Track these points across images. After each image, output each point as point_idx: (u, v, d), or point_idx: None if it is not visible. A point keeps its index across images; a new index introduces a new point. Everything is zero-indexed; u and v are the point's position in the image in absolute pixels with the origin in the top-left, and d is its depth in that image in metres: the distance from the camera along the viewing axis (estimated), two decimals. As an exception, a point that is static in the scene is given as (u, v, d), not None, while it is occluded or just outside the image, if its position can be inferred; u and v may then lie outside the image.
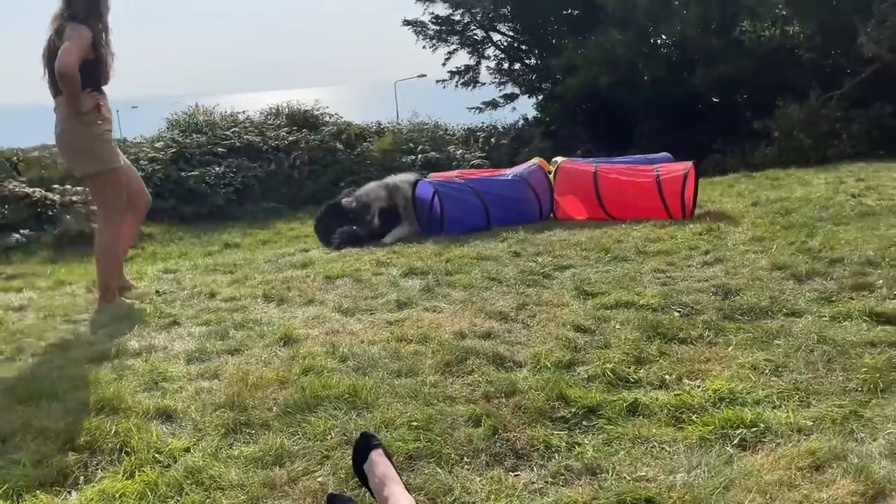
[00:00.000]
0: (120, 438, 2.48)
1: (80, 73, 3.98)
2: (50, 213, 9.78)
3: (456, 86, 23.74)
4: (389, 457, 2.06)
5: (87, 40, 4.04)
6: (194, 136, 12.69)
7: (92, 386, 2.94)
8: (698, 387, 2.73)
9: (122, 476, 2.26)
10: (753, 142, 13.08)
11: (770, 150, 12.34)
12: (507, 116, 21.91)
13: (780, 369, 2.85)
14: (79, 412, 2.71)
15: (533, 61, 22.57)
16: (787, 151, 11.89)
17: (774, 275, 4.13)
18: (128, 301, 4.39)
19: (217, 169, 11.76)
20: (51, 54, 4.07)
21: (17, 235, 9.06)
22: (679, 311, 3.61)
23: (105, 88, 4.31)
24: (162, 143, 12.32)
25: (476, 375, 2.92)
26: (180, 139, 12.34)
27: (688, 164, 6.34)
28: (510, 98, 22.73)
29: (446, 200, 6.23)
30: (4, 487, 2.20)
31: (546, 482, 2.17)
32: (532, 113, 21.89)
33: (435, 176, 7.49)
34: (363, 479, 2.03)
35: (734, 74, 14.48)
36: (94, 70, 4.13)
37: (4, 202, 9.54)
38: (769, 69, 13.87)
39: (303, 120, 14.97)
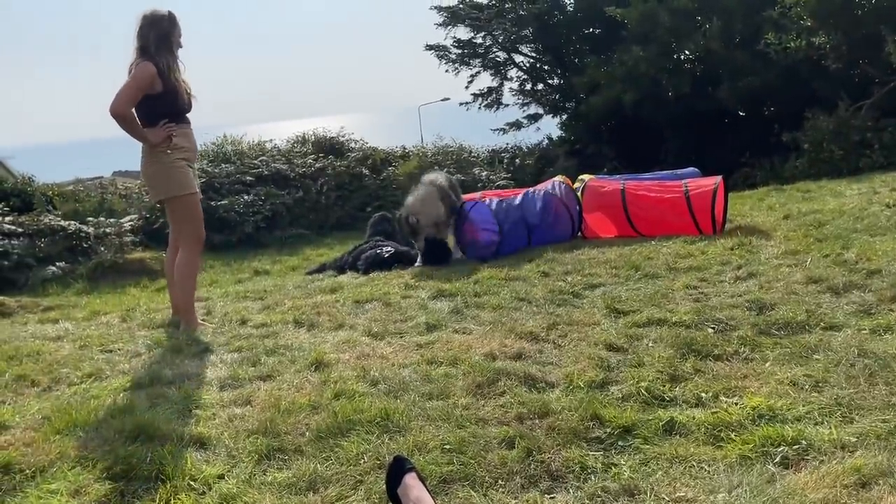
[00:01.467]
0: (155, 466, 2.49)
1: (150, 105, 4.26)
2: (84, 245, 9.97)
3: (479, 108, 23.87)
4: (423, 480, 2.05)
5: (149, 76, 4.23)
6: (223, 165, 12.88)
7: (127, 414, 2.96)
8: (736, 404, 2.68)
9: (158, 503, 2.27)
10: (782, 154, 12.92)
11: (800, 163, 12.16)
12: (531, 136, 21.97)
13: (820, 385, 2.78)
14: (114, 441, 2.73)
15: (556, 81, 22.63)
16: (817, 163, 11.71)
17: (810, 288, 4.06)
18: (211, 326, 4.51)
19: (246, 197, 11.91)
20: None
21: (53, 268, 9.24)
22: (713, 328, 3.56)
23: (189, 116, 4.51)
24: (192, 173, 12.53)
25: (508, 397, 2.90)
26: (209, 169, 12.53)
27: (717, 179, 6.27)
28: (534, 118, 22.78)
29: (505, 234, 6.21)
30: (43, 517, 2.22)
31: (583, 504, 2.13)
32: (556, 132, 21.90)
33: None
34: (396, 502, 2.01)
35: (760, 87, 14.35)
36: (165, 101, 4.32)
37: (41, 236, 9.75)
38: (796, 81, 13.73)
39: (329, 147, 15.15)
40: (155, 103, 4.28)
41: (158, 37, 4.28)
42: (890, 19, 10.85)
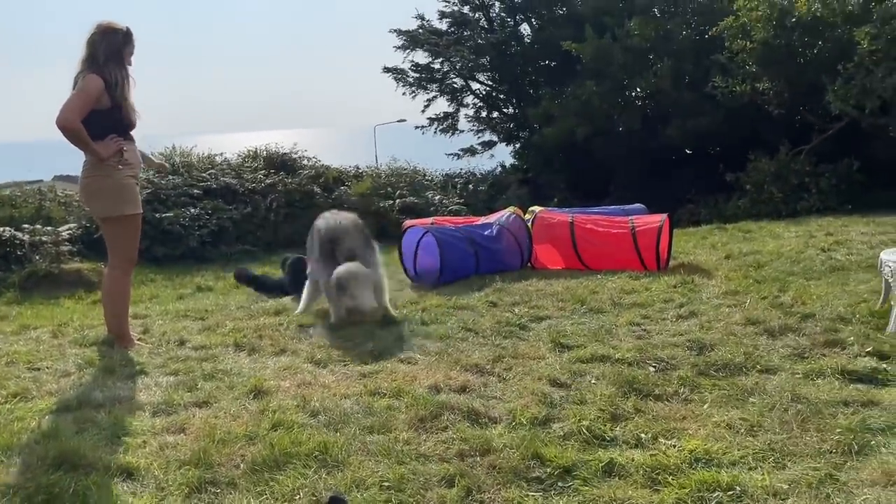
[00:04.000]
0: (79, 497, 2.38)
1: (95, 119, 4.07)
2: (18, 252, 9.58)
3: (435, 132, 23.99)
4: (359, 521, 2.00)
5: (96, 90, 4.06)
6: (170, 177, 12.60)
7: (52, 439, 2.83)
8: (674, 446, 2.70)
9: (79, 539, 2.16)
10: (726, 193, 13.31)
11: (742, 203, 12.55)
12: (485, 163, 22.13)
13: (755, 429, 2.83)
14: (37, 468, 2.60)
15: (511, 110, 22.92)
16: (758, 204, 12.11)
17: (748, 330, 4.15)
18: (147, 346, 4.36)
19: (192, 210, 11.65)
20: None
21: (-13, 273, 8.86)
22: (654, 366, 3.60)
23: (133, 133, 4.36)
24: (137, 183, 12.22)
25: (451, 432, 2.87)
26: (155, 180, 12.23)
27: (662, 217, 6.41)
28: (488, 145, 23.01)
29: (446, 248, 6.17)
30: (-48, 551, 2.10)
31: (520, 548, 2.11)
32: (510, 160, 22.13)
33: (409, 223, 7.48)
34: (331, 544, 1.96)
35: (707, 127, 14.79)
36: (112, 116, 4.17)
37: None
38: (740, 123, 14.20)
39: (280, 163, 14.98)
40: (101, 118, 4.11)
41: (110, 50, 4.13)
42: (830, 69, 11.34)
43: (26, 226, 10.15)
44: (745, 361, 3.59)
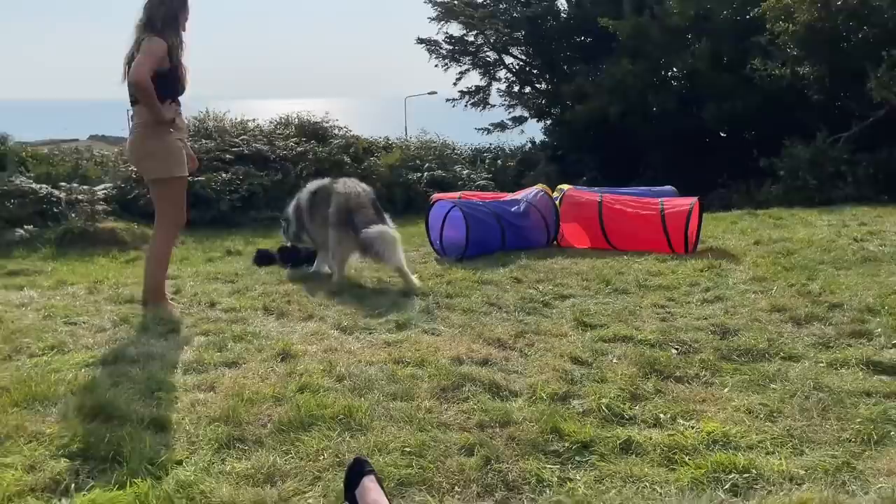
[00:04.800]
0: (113, 447, 2.47)
1: (155, 83, 4.18)
2: (55, 210, 9.81)
3: (466, 105, 23.90)
4: (381, 483, 2.07)
5: (162, 52, 4.20)
6: (203, 141, 12.73)
7: (88, 392, 2.94)
8: (692, 427, 2.73)
9: (114, 486, 2.26)
10: (759, 179, 13.14)
11: (775, 189, 12.38)
12: (514, 139, 22.06)
13: (774, 415, 2.85)
14: (73, 418, 2.71)
15: (543, 86, 22.74)
16: (791, 191, 11.94)
17: (773, 317, 4.14)
18: (178, 306, 4.48)
19: (224, 175, 11.79)
20: (130, 63, 4.25)
21: (21, 231, 9.08)
22: (677, 349, 3.62)
23: (181, 99, 4.50)
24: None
25: (471, 403, 2.93)
26: (189, 143, 12.40)
27: (693, 200, 6.37)
28: (519, 121, 22.88)
29: (472, 223, 6.21)
30: (-5, 491, 2.20)
31: (536, 517, 2.16)
32: (540, 137, 22.01)
33: (437, 196, 7.51)
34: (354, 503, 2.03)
35: (743, 111, 14.58)
36: (168, 78, 4.29)
37: (9, 197, 9.57)
38: (778, 108, 13.96)
39: (312, 131, 15.04)
40: (159, 79, 4.22)
41: (168, 15, 4.26)
42: (874, 55, 11.07)
43: (63, 184, 10.36)
44: (768, 348, 3.59)
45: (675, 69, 16.70)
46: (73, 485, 2.28)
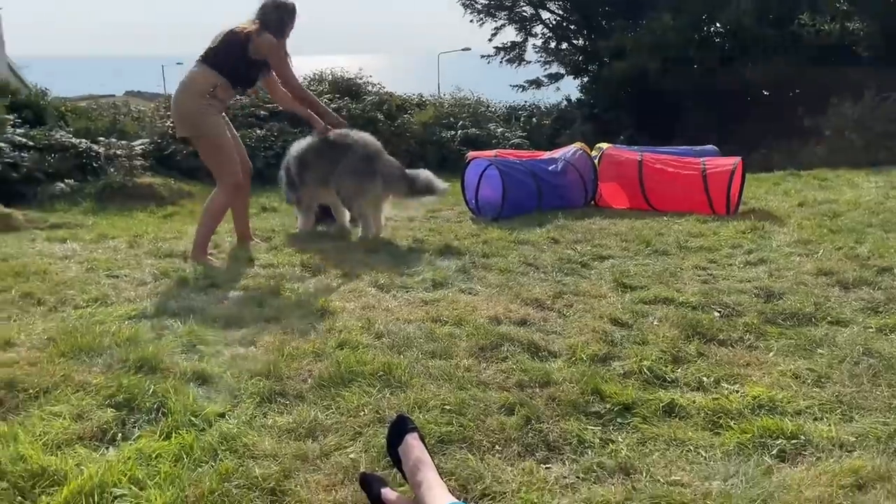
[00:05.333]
0: (158, 398, 2.51)
1: (250, 64, 4.67)
2: (94, 164, 9.93)
3: (501, 62, 23.52)
4: (424, 441, 2.06)
5: (278, 47, 4.69)
6: (238, 97, 12.73)
7: (132, 343, 2.98)
8: (737, 392, 2.68)
9: (159, 436, 2.29)
10: (802, 139, 12.77)
11: (819, 149, 12.04)
12: (550, 96, 21.69)
13: (822, 380, 2.78)
14: (118, 369, 2.75)
15: (581, 42, 22.23)
16: (837, 151, 11.59)
17: (820, 280, 4.03)
18: (218, 259, 4.62)
19: (259, 132, 11.81)
20: (231, 41, 4.60)
21: (62, 185, 9.23)
22: (719, 312, 3.55)
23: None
24: (206, 102, 12.38)
25: (510, 363, 2.91)
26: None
27: (736, 160, 6.20)
28: (555, 78, 22.46)
29: (509, 182, 6.12)
30: (45, 439, 2.25)
31: (578, 478, 2.15)
32: (576, 94, 21.61)
33: (473, 155, 7.42)
34: (396, 460, 2.03)
35: (788, 68, 14.12)
36: (251, 67, 4.72)
37: (51, 151, 9.71)
38: (825, 65, 13.49)
39: (346, 88, 14.97)
40: (247, 64, 4.65)
41: (278, 22, 4.68)
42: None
43: (101, 139, 10.47)
44: (814, 312, 3.50)
45: (718, 24, 16.19)
46: (119, 434, 2.32)
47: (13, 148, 9.15)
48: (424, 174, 5.36)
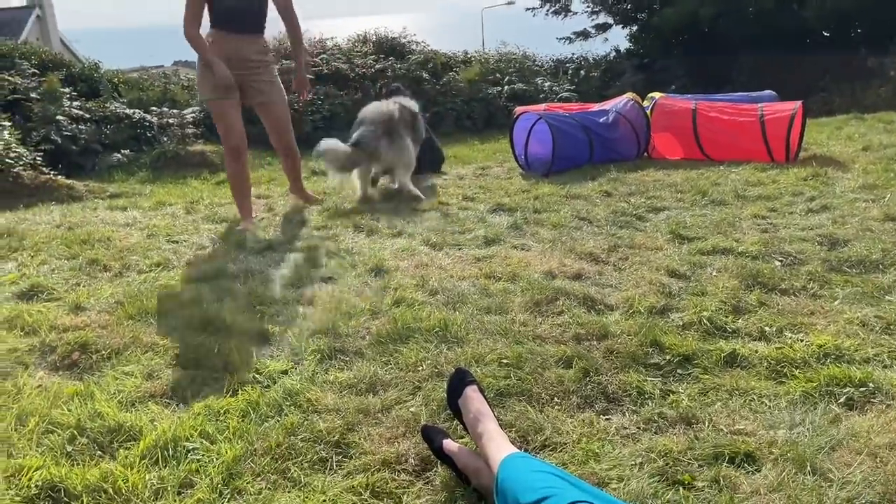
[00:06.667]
0: (222, 357, 2.59)
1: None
2: (148, 134, 10.15)
3: (546, 14, 22.90)
4: (483, 393, 2.08)
5: None
6: (283, 62, 12.76)
7: (195, 305, 3.07)
8: (801, 341, 2.62)
9: (226, 393, 2.37)
10: (865, 81, 12.20)
11: (884, 91, 11.50)
12: (598, 48, 21.07)
13: (891, 327, 2.70)
14: (184, 330, 2.84)
15: (629, -11, 21.48)
16: (903, 92, 11.05)
17: (887, 226, 3.89)
18: (246, 227, 4.55)
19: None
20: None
21: (119, 155, 9.48)
22: (781, 261, 3.46)
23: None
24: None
25: (566, 316, 2.89)
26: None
27: (796, 105, 5.96)
28: (602, 28, 21.79)
29: (559, 135, 6.03)
30: (119, 397, 2.35)
31: (639, 428, 2.14)
32: (625, 44, 20.95)
33: (521, 110, 7.31)
34: (457, 413, 2.06)
35: (850, 6, 13.42)
36: (214, 9, 4.54)
37: (107, 122, 9.95)
38: (890, 3, 12.77)
39: (389, 48, 14.85)
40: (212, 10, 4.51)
41: None
42: None
43: (154, 108, 10.66)
44: (882, 258, 3.38)
45: (773, -37, 15.42)
46: (189, 392, 2.40)
47: (71, 121, 9.40)
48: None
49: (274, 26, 5.43)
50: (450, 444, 1.98)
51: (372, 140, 5.16)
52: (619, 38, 21.38)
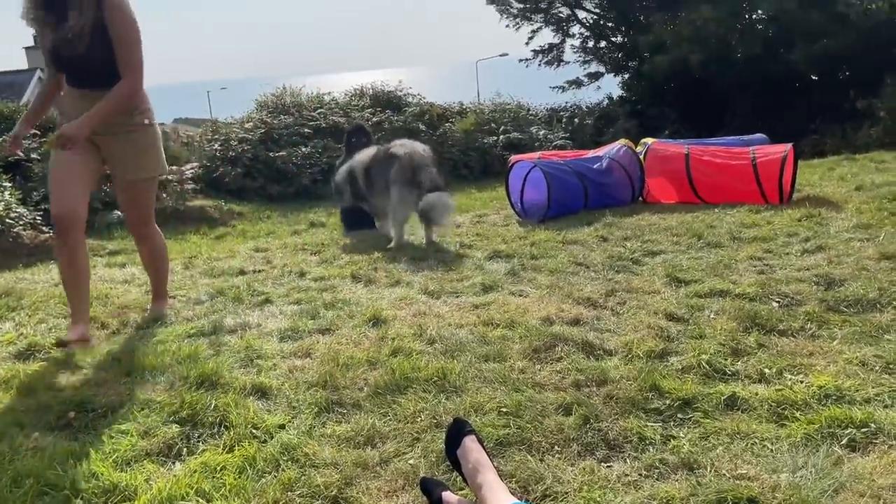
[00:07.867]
0: (219, 413, 2.56)
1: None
2: (147, 191, 10.22)
3: (539, 65, 23.43)
4: (482, 443, 2.06)
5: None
6: (282, 116, 12.97)
7: (192, 361, 3.05)
8: (801, 382, 2.60)
9: (223, 450, 2.34)
10: (856, 122, 12.38)
11: (874, 131, 11.65)
12: (591, 95, 21.48)
13: (891, 366, 2.68)
14: (180, 386, 2.82)
15: (619, 39, 22.01)
16: (893, 132, 11.21)
17: (882, 265, 3.90)
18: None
19: (303, 149, 12.01)
20: None
21: (118, 213, 9.52)
22: (778, 302, 3.46)
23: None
24: (251, 123, 12.69)
25: (565, 363, 2.88)
26: (269, 120, 12.64)
27: (787, 147, 6.04)
28: (595, 77, 22.27)
29: (553, 182, 6.09)
30: (114, 456, 2.32)
31: (640, 475, 2.11)
32: (617, 92, 21.35)
33: (516, 158, 7.40)
34: (455, 463, 2.03)
35: (837, 50, 13.70)
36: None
37: (107, 180, 10.02)
38: (875, 45, 13.05)
39: (386, 101, 15.10)
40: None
41: None
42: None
43: (153, 166, 10.76)
44: (879, 297, 3.38)
45: (760, 11, 15.81)
46: (185, 449, 2.38)
47: (71, 179, 9.47)
48: (439, 207, 5.27)
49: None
50: (449, 497, 1.95)
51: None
52: (611, 85, 21.81)
